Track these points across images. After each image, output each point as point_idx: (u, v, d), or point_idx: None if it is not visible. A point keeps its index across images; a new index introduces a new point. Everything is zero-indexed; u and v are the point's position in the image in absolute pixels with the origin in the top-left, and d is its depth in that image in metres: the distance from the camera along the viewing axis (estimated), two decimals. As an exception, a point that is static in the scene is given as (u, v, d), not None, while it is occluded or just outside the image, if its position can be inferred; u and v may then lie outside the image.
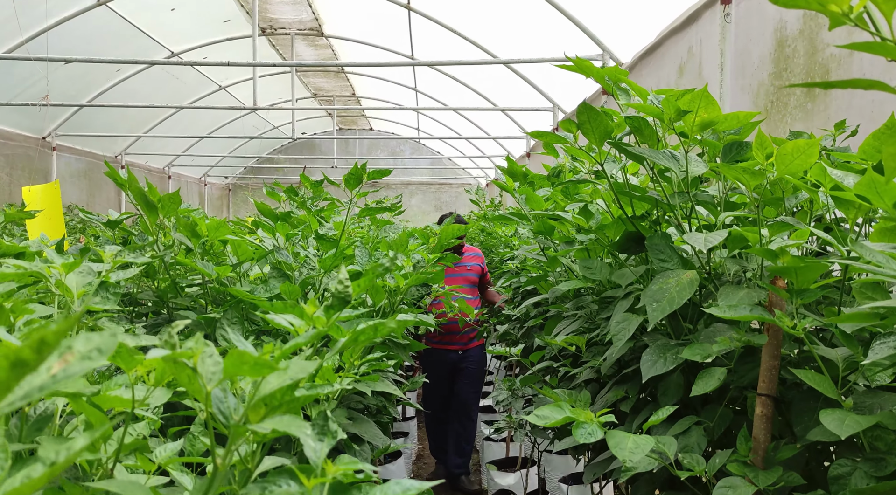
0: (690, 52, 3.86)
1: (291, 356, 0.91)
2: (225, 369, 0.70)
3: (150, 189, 1.89)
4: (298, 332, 0.99)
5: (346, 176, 2.08)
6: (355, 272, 2.08)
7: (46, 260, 1.16)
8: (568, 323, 2.49)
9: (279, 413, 0.84)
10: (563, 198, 2.39)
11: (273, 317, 0.96)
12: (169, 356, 0.67)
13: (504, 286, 4.31)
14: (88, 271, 1.21)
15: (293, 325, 0.98)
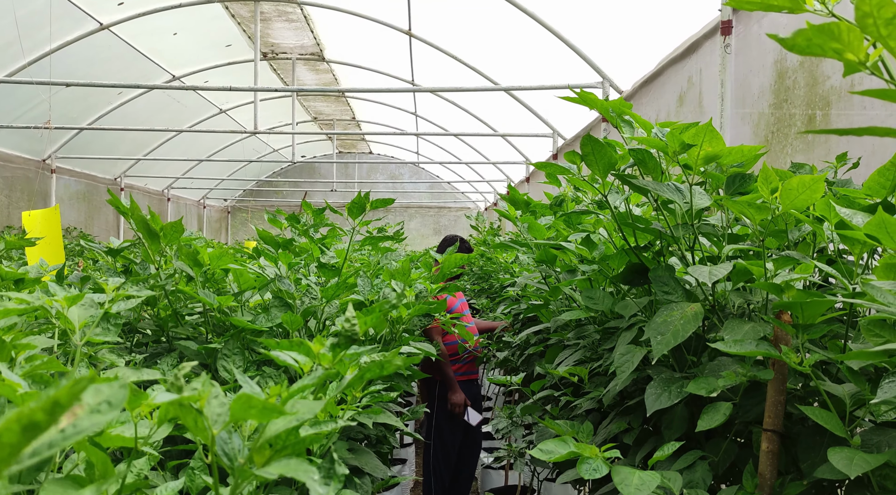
0: (690, 82, 3.89)
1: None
2: (232, 412, 0.69)
3: (152, 217, 1.88)
4: (303, 369, 0.98)
5: (349, 205, 2.08)
6: (357, 302, 2.07)
7: (49, 292, 1.15)
8: (570, 352, 2.47)
9: (285, 454, 0.82)
10: (565, 228, 2.39)
11: (278, 354, 0.95)
12: (176, 400, 0.66)
13: (504, 313, 4.30)
14: (91, 304, 1.20)
15: (298, 362, 0.97)
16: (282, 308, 1.94)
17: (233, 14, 8.97)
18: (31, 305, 1.02)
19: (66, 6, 7.47)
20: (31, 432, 0.35)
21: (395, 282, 1.99)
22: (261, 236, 2.50)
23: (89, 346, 1.34)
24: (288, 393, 0.75)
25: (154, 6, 8.16)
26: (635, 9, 5.09)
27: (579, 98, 1.80)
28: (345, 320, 0.86)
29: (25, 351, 1.03)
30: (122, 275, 1.90)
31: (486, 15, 7.11)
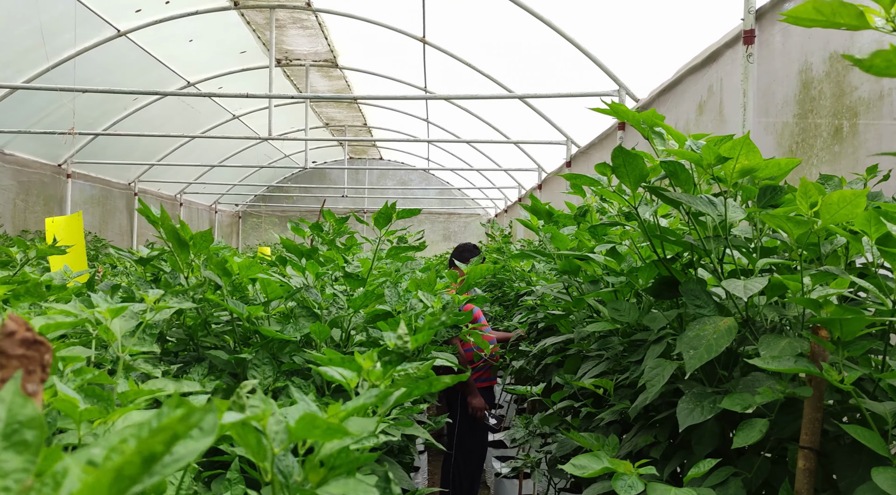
0: (710, 91, 3.88)
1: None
2: (294, 432, 0.68)
3: (182, 226, 1.89)
4: (350, 385, 0.97)
5: (375, 215, 2.08)
6: (384, 312, 2.07)
7: (90, 302, 1.15)
8: (593, 364, 2.46)
9: (338, 473, 0.82)
10: (590, 239, 2.38)
11: (326, 370, 0.95)
12: (240, 420, 0.66)
13: (520, 322, 4.28)
14: (131, 315, 1.20)
15: (345, 378, 0.97)
16: (309, 318, 1.94)
17: (248, 21, 9.02)
18: (79, 318, 1.02)
19: (84, 13, 7.54)
20: (150, 463, 0.35)
21: (423, 294, 1.98)
22: (284, 244, 2.50)
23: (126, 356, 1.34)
24: (346, 412, 0.74)
25: (171, 13, 8.22)
26: (652, 17, 5.08)
27: (610, 109, 1.79)
28: (397, 338, 0.86)
29: (73, 363, 1.04)
30: (153, 284, 1.91)
31: (500, 22, 7.12)
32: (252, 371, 1.74)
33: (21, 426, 0.40)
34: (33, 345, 0.47)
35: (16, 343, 0.47)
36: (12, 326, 0.47)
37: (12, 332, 0.47)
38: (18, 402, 0.42)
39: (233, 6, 8.39)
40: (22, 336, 0.47)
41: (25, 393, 0.47)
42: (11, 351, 0.46)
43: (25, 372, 0.47)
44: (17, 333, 0.47)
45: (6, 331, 0.47)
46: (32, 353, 0.47)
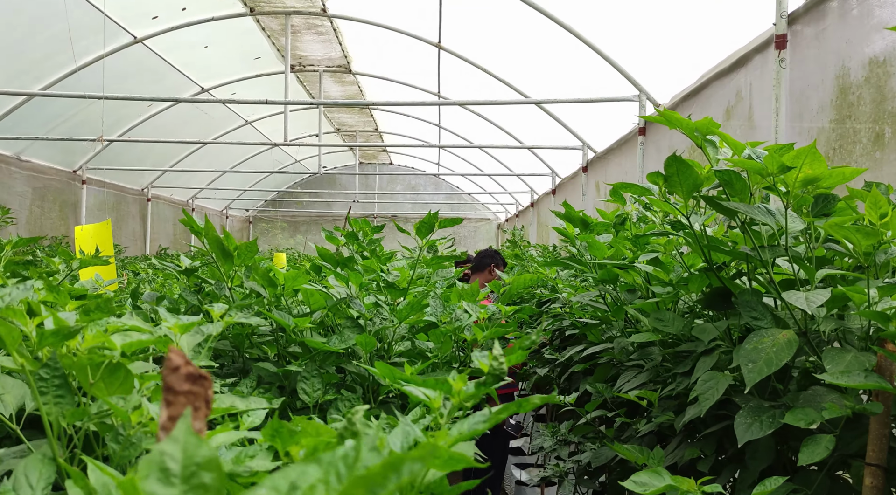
0: (739, 96, 3.85)
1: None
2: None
3: (226, 237, 1.87)
4: (433, 405, 0.95)
5: (417, 224, 2.06)
6: (429, 323, 2.05)
7: (161, 320, 1.13)
8: (632, 374, 2.42)
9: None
10: (630, 247, 2.35)
11: (411, 389, 0.92)
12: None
13: (545, 329, 4.24)
14: (197, 331, 1.18)
15: (429, 398, 0.94)
16: (354, 329, 1.91)
17: (263, 27, 9.04)
18: (154, 336, 1.00)
19: (101, 21, 7.57)
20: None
21: (467, 304, 1.96)
22: (320, 253, 2.48)
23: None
24: (453, 440, 0.72)
25: (187, 20, 8.25)
26: (672, 22, 5.06)
27: (663, 117, 1.77)
28: (493, 358, 0.83)
29: (148, 382, 1.02)
30: (196, 294, 1.89)
31: (517, 26, 7.10)
32: (301, 384, 1.72)
33: (199, 468, 0.38)
34: (198, 380, 0.45)
35: (181, 378, 0.45)
36: (176, 360, 0.45)
37: (176, 367, 0.45)
38: (193, 443, 0.39)
39: (248, 12, 8.41)
40: (186, 371, 0.45)
41: (195, 430, 0.45)
42: (178, 387, 0.44)
43: (192, 409, 0.44)
44: (181, 368, 0.45)
45: (171, 366, 0.45)
46: (197, 389, 0.45)
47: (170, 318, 1.18)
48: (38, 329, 0.83)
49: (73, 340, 0.91)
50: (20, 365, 0.83)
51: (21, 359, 0.83)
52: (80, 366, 0.91)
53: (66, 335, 0.83)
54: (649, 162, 5.58)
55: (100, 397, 0.94)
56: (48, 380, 0.87)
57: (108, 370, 0.97)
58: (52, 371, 0.87)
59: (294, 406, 1.73)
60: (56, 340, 0.83)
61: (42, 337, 0.82)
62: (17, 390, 1.22)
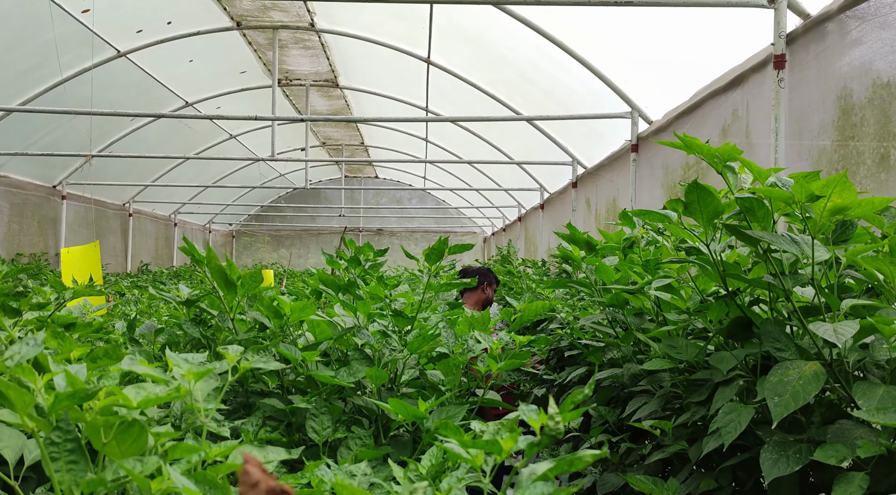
0: (735, 115, 3.84)
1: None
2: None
3: (229, 266, 1.80)
4: (475, 463, 0.88)
5: (427, 251, 2.00)
6: (440, 354, 1.98)
7: (168, 361, 1.06)
8: (641, 401, 2.36)
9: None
10: (641, 272, 2.31)
11: (452, 447, 0.86)
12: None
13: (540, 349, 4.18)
14: (211, 376, 1.11)
15: (472, 455, 0.88)
16: (362, 361, 1.84)
17: (249, 41, 8.96)
18: (171, 388, 0.93)
19: (85, 34, 7.45)
20: None
21: (480, 334, 1.90)
22: (321, 278, 2.40)
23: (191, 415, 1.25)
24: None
25: (172, 34, 8.15)
26: (666, 39, 5.07)
27: (681, 143, 1.73)
28: (549, 418, 0.77)
29: (164, 439, 0.94)
30: (195, 325, 1.81)
31: (508, 42, 7.09)
32: (310, 421, 1.64)
33: None
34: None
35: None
36: (255, 474, 0.38)
37: (256, 482, 0.38)
38: None
39: (235, 27, 8.33)
40: (267, 486, 0.38)
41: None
42: (260, 508, 0.37)
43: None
44: (260, 483, 0.38)
45: (250, 482, 0.38)
46: (281, 508, 0.38)
47: (182, 363, 1.10)
48: (49, 390, 0.76)
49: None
50: (31, 429, 0.75)
51: (32, 423, 0.75)
52: (92, 425, 0.84)
53: (83, 397, 0.75)
54: (642, 178, 5.57)
55: (114, 459, 0.86)
56: (60, 444, 0.79)
57: (121, 427, 0.89)
58: (64, 434, 0.79)
59: (306, 442, 1.65)
60: (72, 403, 0.75)
61: (57, 400, 0.75)
62: (15, 440, 1.14)
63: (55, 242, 10.67)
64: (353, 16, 7.96)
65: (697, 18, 4.41)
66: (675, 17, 4.53)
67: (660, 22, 4.78)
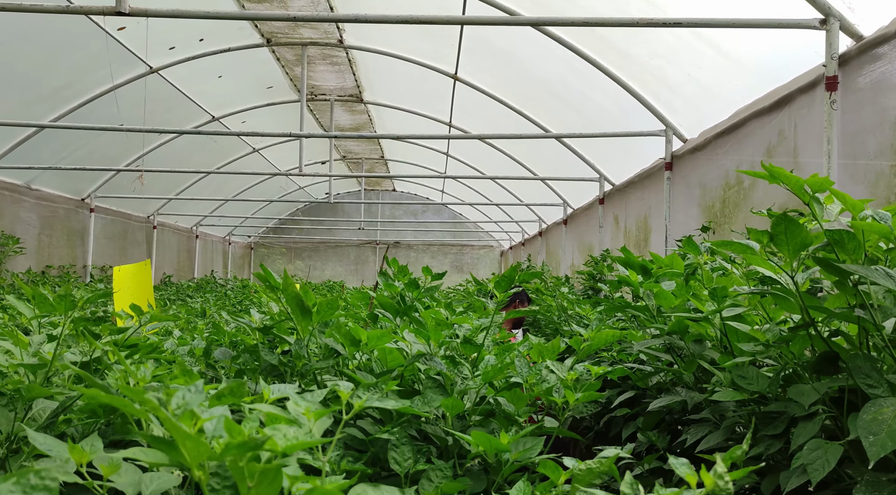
0: (781, 136, 3.81)
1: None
2: None
3: (304, 293, 1.79)
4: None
5: (496, 278, 1.99)
6: (514, 383, 1.96)
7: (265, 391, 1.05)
8: (703, 430, 2.33)
9: None
10: (707, 299, 2.28)
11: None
12: None
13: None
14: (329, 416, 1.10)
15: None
16: (436, 390, 1.83)
17: (278, 57, 9.05)
18: (307, 439, 0.92)
19: (119, 51, 7.55)
20: None
21: (553, 364, 1.88)
22: (379, 301, 2.40)
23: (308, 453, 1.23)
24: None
25: (204, 50, 8.25)
26: (702, 57, 5.05)
27: (767, 174, 1.71)
28: (717, 476, 0.75)
29: (298, 482, 0.93)
30: (270, 351, 1.80)
31: (537, 58, 7.10)
32: (391, 452, 1.62)
33: None
34: None
35: None
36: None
37: None
38: None
39: (265, 43, 8.42)
40: None
41: None
42: None
43: None
44: None
45: None
46: None
47: (300, 402, 1.10)
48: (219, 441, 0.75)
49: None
50: (198, 477, 0.75)
51: (200, 472, 0.75)
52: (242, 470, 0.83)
53: (252, 447, 0.75)
54: (676, 197, 5.53)
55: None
56: (218, 491, 0.79)
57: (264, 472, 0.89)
58: (223, 481, 0.79)
59: (387, 472, 1.64)
60: (241, 452, 0.75)
61: (226, 449, 0.74)
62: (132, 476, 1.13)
63: (83, 254, 10.77)
64: (382, 33, 8.02)
65: (736, 37, 4.39)
66: (712, 35, 4.51)
67: (696, 40, 4.77)
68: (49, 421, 1.86)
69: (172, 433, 0.72)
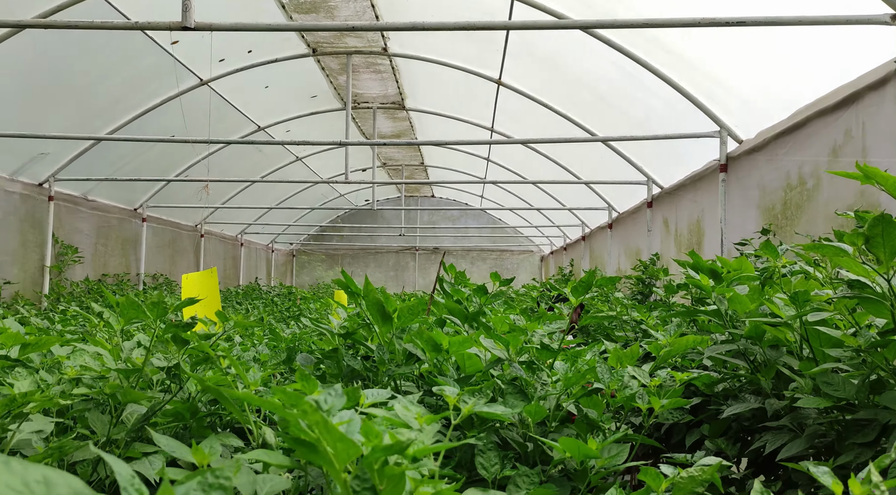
0: (848, 135, 3.71)
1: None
2: None
3: (385, 298, 1.81)
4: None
5: (573, 284, 1.97)
6: (595, 389, 1.94)
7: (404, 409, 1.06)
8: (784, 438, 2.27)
9: None
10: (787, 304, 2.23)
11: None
12: None
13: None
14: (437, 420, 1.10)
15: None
16: (517, 395, 1.82)
17: (323, 67, 9.18)
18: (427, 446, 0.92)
19: (171, 64, 7.75)
20: None
21: (634, 369, 1.86)
22: (448, 307, 2.41)
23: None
24: None
25: (252, 62, 8.41)
26: (758, 55, 4.95)
27: (859, 174, 1.67)
28: (872, 485, 0.73)
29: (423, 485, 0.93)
30: (354, 357, 1.82)
31: (584, 60, 7.05)
32: (478, 457, 1.62)
33: None
34: None
35: None
36: None
37: None
38: None
39: (311, 53, 8.55)
40: None
41: None
42: None
43: None
44: None
45: None
46: None
47: (411, 407, 1.10)
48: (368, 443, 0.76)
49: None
50: (343, 479, 0.76)
51: (345, 475, 0.76)
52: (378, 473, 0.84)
53: (398, 450, 0.76)
54: (732, 199, 5.42)
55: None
56: (359, 492, 0.80)
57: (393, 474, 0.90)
58: (362, 483, 0.80)
59: (469, 479, 1.64)
60: (387, 454, 0.76)
61: (373, 452, 0.75)
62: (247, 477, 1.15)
63: (136, 263, 11.07)
64: (426, 39, 8.07)
65: (796, 35, 4.29)
66: (771, 33, 4.42)
67: (751, 38, 4.68)
68: (140, 423, 1.91)
69: (323, 435, 0.73)
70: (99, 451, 0.61)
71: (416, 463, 0.88)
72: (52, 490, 0.55)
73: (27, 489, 0.54)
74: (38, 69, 6.79)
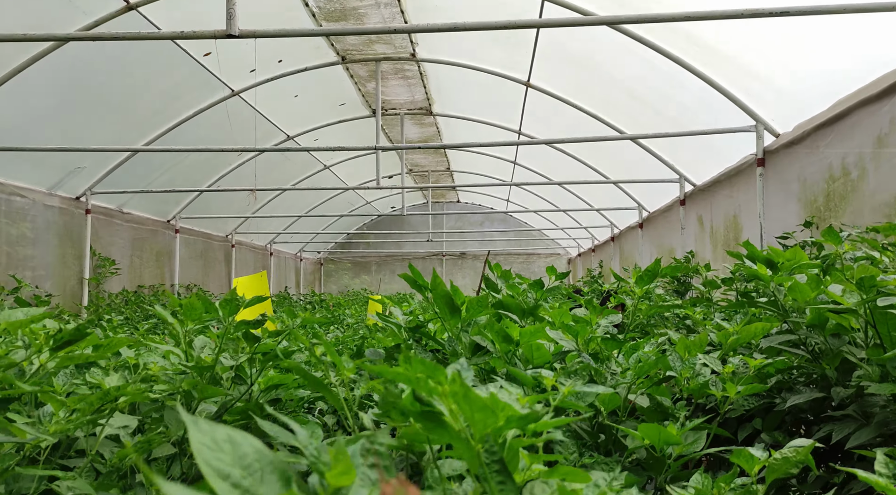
0: (894, 123, 3.65)
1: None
2: None
3: (454, 291, 1.83)
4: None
5: (637, 273, 1.97)
6: (666, 377, 1.94)
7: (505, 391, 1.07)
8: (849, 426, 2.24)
9: None
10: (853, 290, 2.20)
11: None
12: None
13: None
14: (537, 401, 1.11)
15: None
16: (588, 384, 1.82)
17: (351, 75, 9.26)
18: (546, 421, 0.93)
19: (203, 76, 7.89)
20: None
21: (707, 357, 1.85)
22: (505, 303, 2.41)
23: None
24: None
25: (282, 71, 8.52)
26: (794, 46, 4.89)
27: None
28: None
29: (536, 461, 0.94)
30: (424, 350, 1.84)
31: (615, 60, 7.04)
32: (556, 445, 1.63)
33: None
34: None
35: None
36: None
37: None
38: None
39: (340, 61, 8.64)
40: None
41: None
42: None
43: None
44: None
45: None
46: None
47: (511, 389, 1.11)
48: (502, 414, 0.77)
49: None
50: (477, 449, 0.77)
51: (478, 446, 0.77)
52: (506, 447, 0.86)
53: (531, 420, 0.77)
54: (771, 194, 5.36)
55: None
56: (489, 465, 0.81)
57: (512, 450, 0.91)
58: (491, 455, 0.81)
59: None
60: (521, 424, 0.77)
61: (507, 423, 0.76)
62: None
63: (170, 274, 11.24)
64: (454, 43, 8.11)
65: (834, 24, 4.24)
66: (809, 23, 4.37)
67: (787, 29, 4.63)
68: (213, 420, 1.94)
69: (461, 405, 0.75)
70: (262, 422, 0.63)
71: (536, 436, 0.89)
72: (237, 448, 0.57)
73: (216, 446, 0.56)
74: (75, 85, 6.95)
